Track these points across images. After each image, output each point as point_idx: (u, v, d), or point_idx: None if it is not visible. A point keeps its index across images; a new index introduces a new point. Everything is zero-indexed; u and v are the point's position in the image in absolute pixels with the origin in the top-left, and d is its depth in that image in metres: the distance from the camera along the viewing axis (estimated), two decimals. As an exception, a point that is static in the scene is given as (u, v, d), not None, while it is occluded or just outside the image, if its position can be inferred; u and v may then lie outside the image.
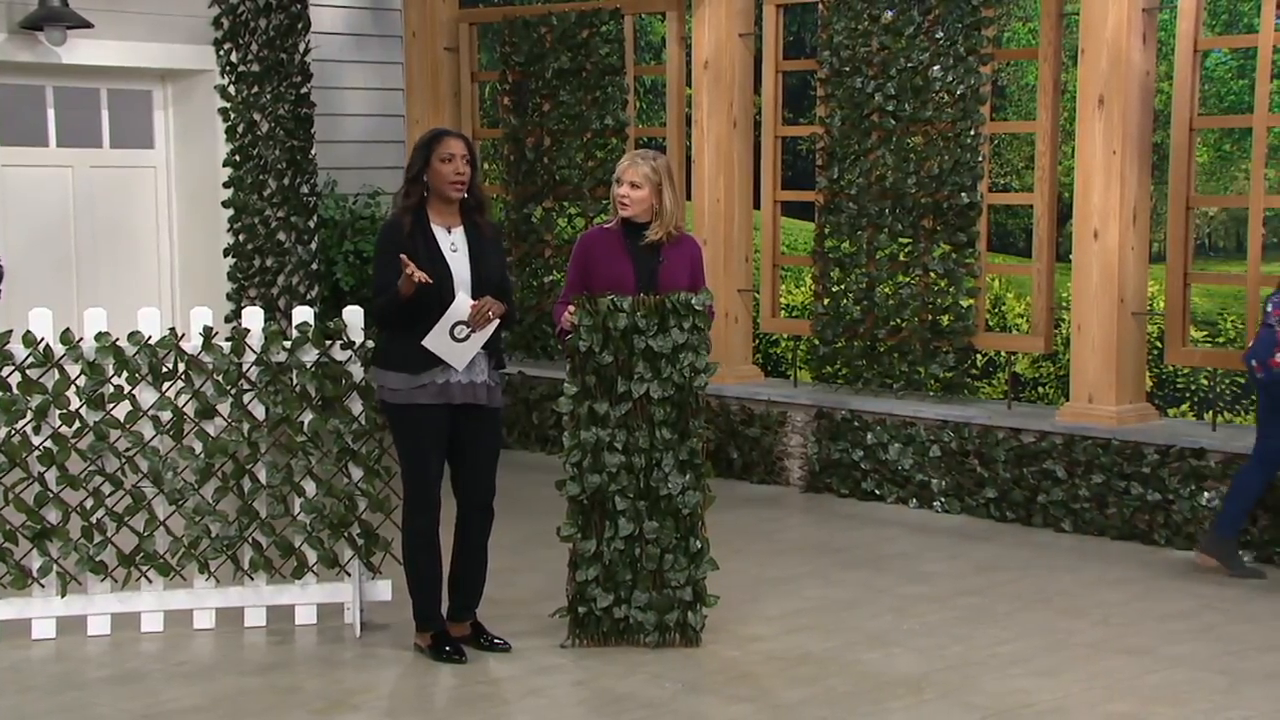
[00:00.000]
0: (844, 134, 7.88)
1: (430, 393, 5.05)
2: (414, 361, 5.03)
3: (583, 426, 5.20)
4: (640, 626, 5.26)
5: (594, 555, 5.23)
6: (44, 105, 8.89)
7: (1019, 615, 5.74)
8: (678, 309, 5.17)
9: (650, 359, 5.18)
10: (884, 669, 5.12)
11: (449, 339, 5.02)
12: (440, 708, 4.78)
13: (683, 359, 5.18)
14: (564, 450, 5.24)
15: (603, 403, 5.20)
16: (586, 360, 5.18)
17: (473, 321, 5.02)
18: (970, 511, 7.40)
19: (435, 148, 5.07)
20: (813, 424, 7.95)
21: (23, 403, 5.34)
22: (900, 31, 7.64)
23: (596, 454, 5.20)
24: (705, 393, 5.31)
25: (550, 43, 8.99)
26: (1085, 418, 7.08)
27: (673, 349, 5.17)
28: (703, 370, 5.20)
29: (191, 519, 5.50)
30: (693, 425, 5.22)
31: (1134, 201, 7.03)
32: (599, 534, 5.23)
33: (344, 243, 9.71)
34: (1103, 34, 6.95)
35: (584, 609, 5.27)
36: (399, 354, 5.05)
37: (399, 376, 5.05)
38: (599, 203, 8.80)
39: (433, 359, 5.02)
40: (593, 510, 5.23)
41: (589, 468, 5.20)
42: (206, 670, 5.14)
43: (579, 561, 5.25)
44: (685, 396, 5.21)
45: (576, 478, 5.21)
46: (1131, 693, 4.90)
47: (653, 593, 5.26)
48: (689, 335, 5.18)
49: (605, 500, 5.22)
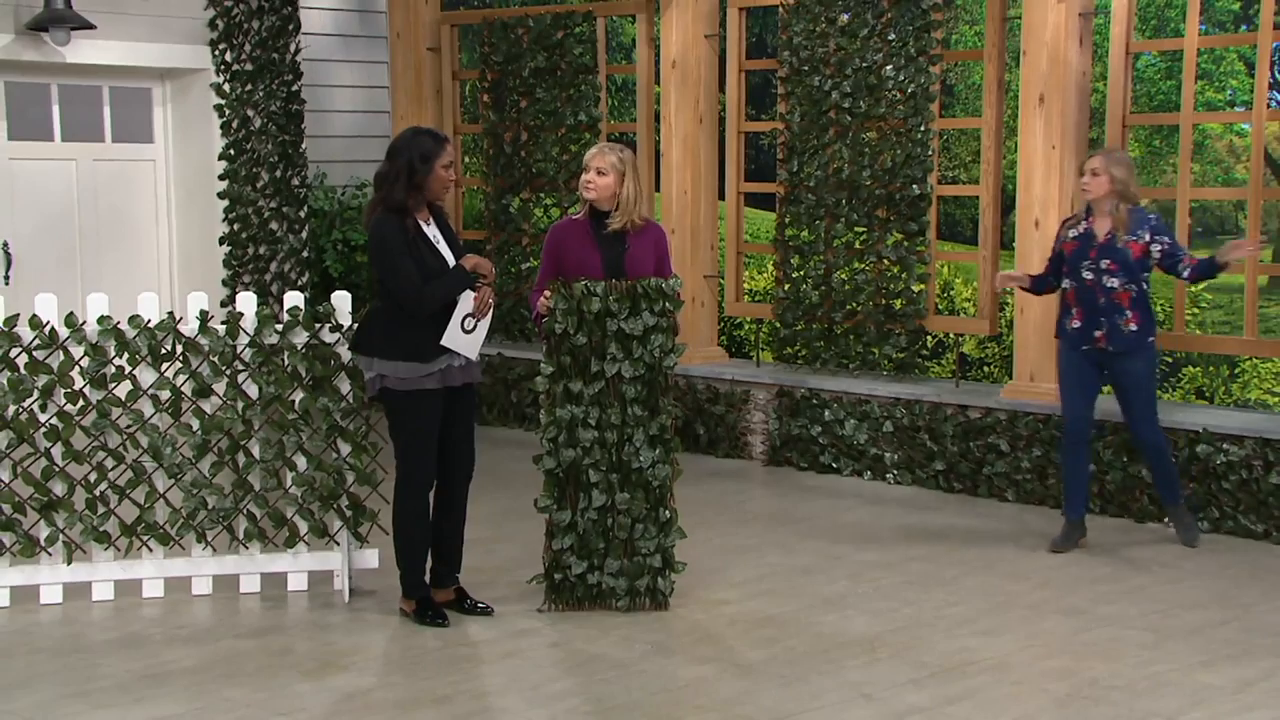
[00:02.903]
0: (803, 129, 7.87)
1: (435, 379, 5.02)
2: (426, 351, 4.99)
3: (558, 404, 5.19)
4: (612, 592, 5.26)
5: (569, 525, 5.23)
6: (49, 102, 8.80)
7: (965, 579, 5.76)
8: (649, 293, 5.16)
9: (622, 340, 5.17)
10: (840, 630, 5.14)
11: (461, 333, 5.01)
12: (425, 668, 4.77)
13: (653, 340, 5.17)
14: (540, 427, 5.23)
15: (577, 382, 5.18)
16: (562, 342, 5.17)
17: (477, 311, 5.01)
18: (920, 483, 7.42)
19: (440, 154, 4.99)
20: (774, 402, 7.95)
21: (29, 382, 5.29)
22: (855, 33, 7.63)
23: (571, 430, 5.19)
24: (674, 372, 5.30)
25: (527, 43, 8.94)
26: (1027, 395, 7.11)
27: (643, 331, 5.16)
28: (671, 351, 5.20)
29: (189, 492, 5.46)
30: (662, 403, 5.21)
31: (1072, 193, 7.04)
32: (573, 505, 5.22)
33: (333, 231, 9.66)
34: (1043, 37, 6.96)
35: (559, 576, 5.26)
36: (410, 344, 4.99)
37: (409, 366, 4.99)
38: (573, 194, 8.76)
39: (443, 348, 5.00)
40: (567, 483, 5.23)
41: (564, 443, 5.19)
42: (204, 633, 5.11)
43: (555, 531, 5.25)
44: (655, 376, 5.20)
45: (553, 452, 5.20)
46: (1067, 650, 4.94)
47: (624, 560, 5.26)
48: (659, 318, 5.17)
49: (579, 473, 5.21)
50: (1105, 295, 5.99)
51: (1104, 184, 5.95)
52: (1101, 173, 5.94)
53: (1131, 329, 5.98)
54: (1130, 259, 5.95)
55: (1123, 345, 6.00)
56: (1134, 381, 6.06)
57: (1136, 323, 5.98)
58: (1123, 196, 5.95)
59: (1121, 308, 5.98)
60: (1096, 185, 5.97)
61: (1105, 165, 5.94)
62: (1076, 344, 6.09)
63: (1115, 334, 6.00)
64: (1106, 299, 5.99)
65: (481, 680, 4.67)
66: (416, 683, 4.62)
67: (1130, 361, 6.03)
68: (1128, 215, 5.96)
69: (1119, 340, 6.00)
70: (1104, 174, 5.94)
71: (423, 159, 4.97)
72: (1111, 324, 5.99)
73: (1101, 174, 5.94)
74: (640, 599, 5.29)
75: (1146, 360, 6.05)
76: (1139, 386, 6.07)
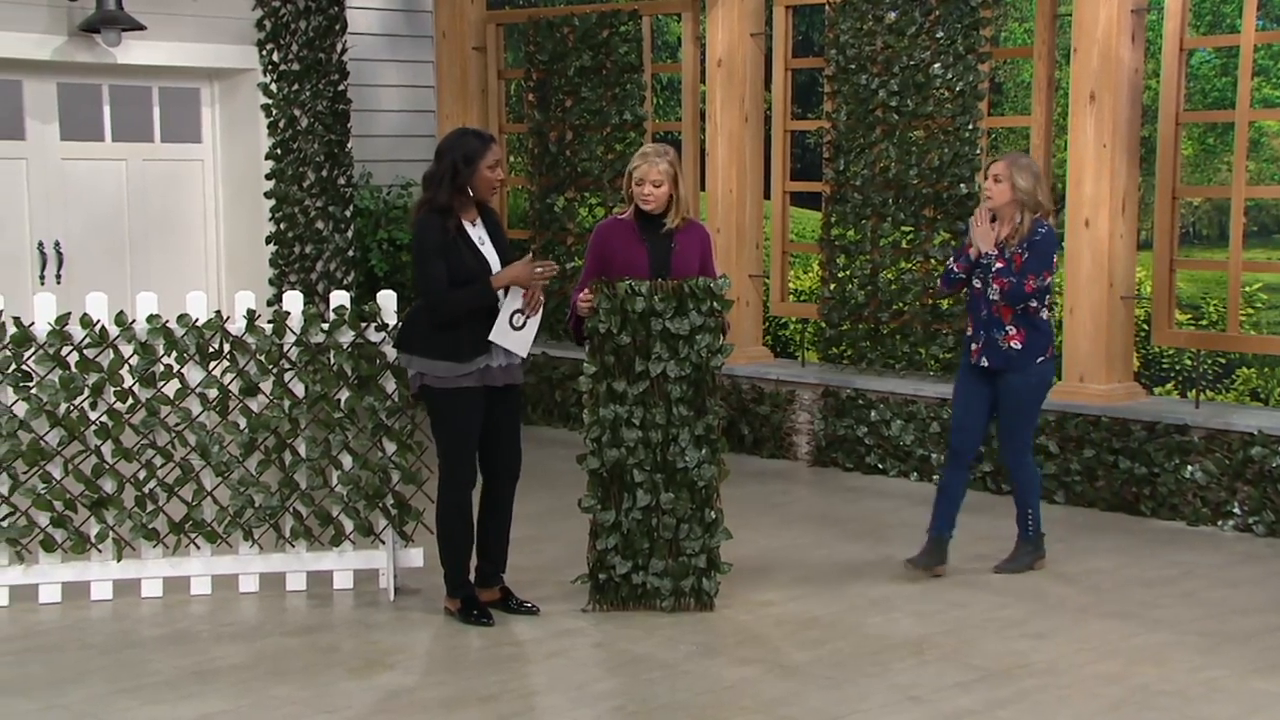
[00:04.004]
0: (849, 128, 7.83)
1: (474, 378, 5.03)
2: (464, 350, 5.00)
3: (601, 404, 5.19)
4: (656, 592, 5.26)
5: (613, 525, 5.22)
6: (100, 103, 8.90)
7: (1013, 582, 5.71)
8: (696, 293, 5.14)
9: (668, 340, 5.16)
10: (887, 632, 5.11)
11: (510, 329, 5.02)
12: (470, 667, 4.79)
13: (700, 340, 5.15)
14: (584, 426, 5.23)
15: (620, 381, 5.18)
16: (605, 341, 5.17)
17: (528, 308, 5.02)
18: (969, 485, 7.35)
19: (484, 155, 5.00)
20: (819, 402, 7.92)
21: (80, 380, 5.35)
22: (903, 31, 7.58)
23: (615, 430, 5.18)
24: (721, 373, 5.29)
25: (572, 42, 8.95)
26: (1076, 396, 7.04)
27: (690, 331, 5.14)
28: (719, 351, 5.18)
29: (236, 490, 5.51)
30: (710, 403, 5.19)
31: (1123, 192, 6.97)
32: (617, 505, 5.22)
33: (378, 231, 9.71)
34: (1094, 34, 6.89)
35: (604, 576, 5.26)
36: (448, 344, 5.00)
37: (447, 365, 5.01)
38: (618, 193, 8.76)
39: (480, 348, 5.01)
40: (611, 483, 5.22)
41: (608, 443, 5.19)
42: (251, 630, 5.15)
43: (599, 531, 5.25)
44: (702, 376, 5.18)
45: (596, 452, 5.20)
46: (1118, 654, 4.88)
47: (669, 560, 5.25)
48: (707, 318, 5.15)
49: (623, 473, 5.21)
50: (987, 307, 5.55)
51: (1005, 192, 5.50)
52: (1004, 180, 5.49)
53: (1013, 346, 5.52)
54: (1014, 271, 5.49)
55: (1000, 363, 5.55)
56: (1011, 403, 5.59)
57: (1020, 340, 5.51)
58: (1025, 206, 5.49)
59: (1002, 323, 5.53)
60: (998, 193, 5.51)
61: (1008, 172, 5.49)
62: (966, 357, 5.69)
63: (992, 349, 5.55)
64: (988, 311, 5.55)
65: (526, 680, 4.68)
66: (461, 682, 4.63)
67: (1012, 379, 5.56)
68: (1030, 227, 5.50)
69: (996, 356, 5.55)
70: (1006, 181, 5.49)
71: (466, 160, 4.98)
72: (989, 338, 5.55)
73: (1004, 181, 5.49)
74: (685, 599, 5.28)
75: (1028, 383, 5.57)
76: (1015, 410, 5.60)
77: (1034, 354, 5.56)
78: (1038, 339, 5.56)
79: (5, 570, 5.39)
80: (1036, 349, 5.56)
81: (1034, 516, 5.80)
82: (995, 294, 5.50)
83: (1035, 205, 5.51)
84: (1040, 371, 5.60)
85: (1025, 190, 5.49)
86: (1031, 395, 5.62)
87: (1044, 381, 5.65)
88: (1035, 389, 5.62)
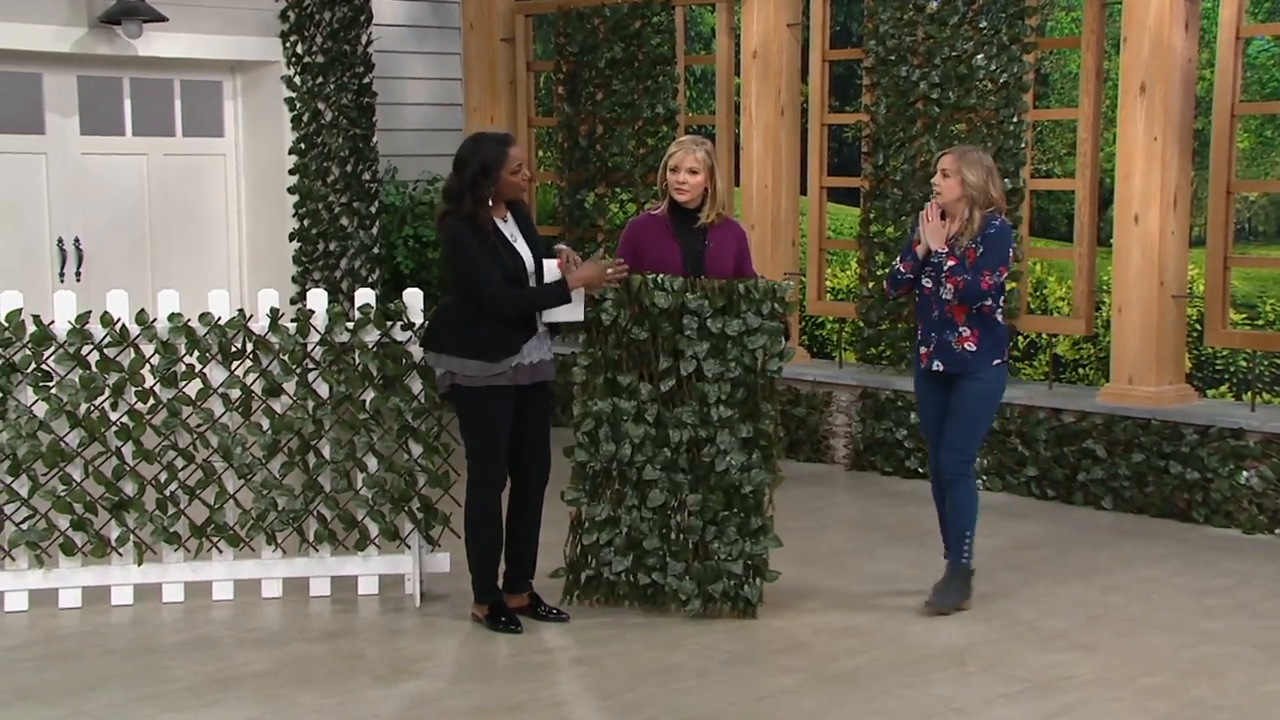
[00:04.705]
0: (889, 121, 7.81)
1: (504, 378, 5.06)
2: (495, 350, 5.03)
3: (599, 396, 5.18)
4: (675, 595, 5.25)
5: (606, 521, 5.22)
6: (121, 96, 8.98)
7: (1059, 591, 5.69)
8: (752, 295, 5.14)
9: (710, 339, 5.15)
10: (927, 641, 5.09)
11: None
12: (498, 675, 4.80)
13: (752, 342, 5.14)
14: (575, 418, 5.23)
15: (628, 375, 5.17)
16: (609, 333, 5.17)
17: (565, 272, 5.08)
18: (1011, 490, 7.34)
19: (504, 162, 5.01)
20: (857, 404, 7.90)
21: (101, 380, 5.41)
22: (945, 21, 7.56)
23: (615, 424, 5.18)
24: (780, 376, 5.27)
25: (603, 33, 8.97)
26: (1125, 398, 7.00)
27: (741, 332, 5.13)
28: (778, 355, 5.17)
29: (259, 492, 5.55)
30: (764, 408, 5.19)
31: (1175, 186, 6.93)
32: (615, 501, 5.22)
33: (404, 228, 9.76)
34: (1145, 21, 6.84)
35: (589, 572, 5.27)
36: (478, 343, 5.02)
37: (478, 364, 5.03)
38: (649, 188, 8.77)
39: (511, 347, 5.03)
40: (606, 478, 5.22)
41: (606, 436, 5.18)
42: (275, 637, 5.19)
43: (584, 525, 5.25)
44: (754, 379, 5.17)
45: (585, 445, 5.20)
46: (1169, 667, 4.85)
47: (693, 563, 5.24)
48: (765, 320, 5.14)
49: (627, 469, 5.20)
50: (939, 308, 5.37)
51: (954, 187, 5.32)
52: (952, 174, 5.32)
53: (967, 348, 5.32)
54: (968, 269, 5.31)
55: (954, 366, 5.34)
56: (960, 409, 5.35)
57: (974, 342, 5.32)
58: (975, 202, 5.31)
59: (954, 323, 5.34)
60: (947, 188, 5.34)
61: (956, 167, 5.31)
62: (917, 363, 5.51)
63: (944, 352, 5.36)
64: (939, 312, 5.37)
65: (555, 689, 4.69)
66: (489, 690, 4.65)
67: (965, 384, 5.35)
68: (982, 222, 5.32)
69: (948, 359, 5.35)
70: (955, 176, 5.31)
71: (485, 171, 4.98)
72: (941, 340, 5.36)
73: (952, 176, 5.32)
74: (716, 605, 5.28)
75: (982, 389, 5.35)
76: (963, 416, 5.35)
77: (989, 356, 5.35)
78: (993, 341, 5.36)
79: (25, 574, 5.45)
80: (991, 351, 5.35)
81: (970, 543, 5.44)
82: (949, 293, 5.31)
83: (986, 201, 5.33)
84: (995, 376, 5.38)
85: (975, 185, 5.31)
86: (984, 402, 5.38)
87: (998, 388, 5.40)
88: (988, 396, 5.38)
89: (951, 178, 5.34)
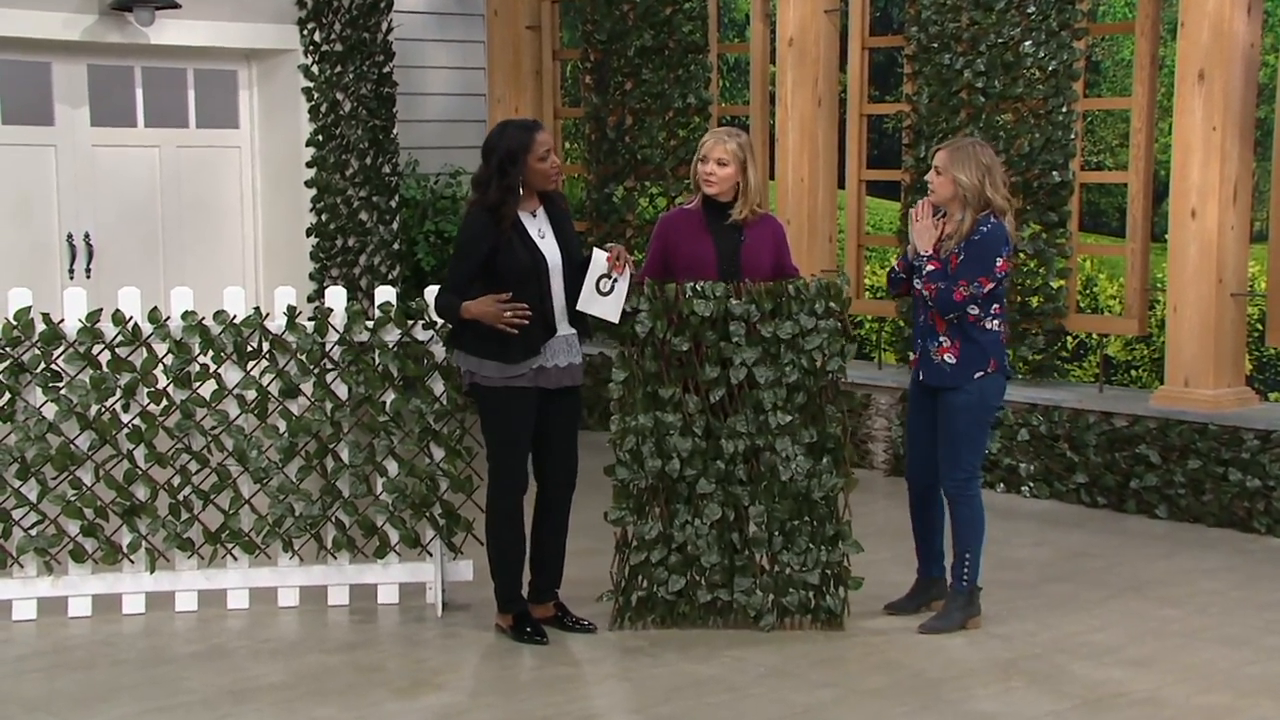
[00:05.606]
0: (932, 112, 7.78)
1: (527, 378, 5.06)
2: (514, 352, 5.04)
3: (640, 411, 5.16)
4: (744, 611, 5.24)
5: (657, 539, 5.21)
6: (133, 86, 9.03)
7: (1110, 603, 5.65)
8: (804, 295, 5.13)
9: (759, 344, 5.14)
10: (970, 655, 5.07)
11: (597, 295, 5.05)
12: (522, 688, 4.81)
13: (808, 343, 5.13)
14: (614, 434, 5.19)
15: (670, 387, 5.16)
16: (646, 344, 5.15)
17: (614, 269, 5.05)
18: (1059, 497, 7.30)
19: (530, 148, 5.03)
20: (897, 407, 7.88)
21: (112, 381, 5.44)
22: (990, 6, 7.53)
23: (660, 439, 5.16)
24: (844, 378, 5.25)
25: (633, 20, 8.97)
26: (1181, 402, 6.95)
27: (795, 334, 5.13)
28: (838, 354, 5.16)
29: (276, 497, 5.57)
30: (830, 411, 5.18)
31: (1235, 179, 6.87)
32: (667, 519, 5.20)
33: (425, 223, 9.78)
34: (1205, 6, 6.79)
35: (641, 593, 5.25)
36: (497, 344, 5.03)
37: (495, 365, 5.05)
38: (681, 182, 8.77)
39: (531, 348, 5.04)
40: (653, 495, 5.20)
41: (651, 453, 5.17)
42: (291, 647, 5.21)
43: (631, 546, 5.22)
44: (814, 382, 5.16)
45: (627, 463, 5.17)
46: (1229, 684, 4.81)
47: (762, 576, 5.23)
48: (820, 320, 5.13)
49: (677, 484, 5.19)
50: (924, 314, 5.26)
51: (946, 186, 5.17)
52: (944, 173, 5.17)
53: (946, 360, 5.19)
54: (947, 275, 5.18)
55: (934, 378, 5.23)
56: (947, 424, 5.23)
57: (954, 354, 5.18)
58: (968, 203, 5.15)
59: (935, 332, 5.21)
60: (940, 187, 5.20)
61: (948, 163, 5.16)
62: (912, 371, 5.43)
63: (926, 362, 5.26)
64: (924, 318, 5.26)
65: (583, 702, 4.69)
66: (514, 704, 4.66)
67: (948, 397, 5.22)
68: (972, 226, 5.15)
69: (930, 371, 5.24)
70: (946, 175, 5.17)
71: (510, 158, 5.01)
72: (924, 349, 5.26)
73: (944, 174, 5.17)
74: (794, 617, 5.27)
75: (964, 402, 5.20)
76: (951, 432, 5.22)
77: (970, 369, 5.18)
78: (974, 353, 5.18)
79: (33, 582, 5.49)
80: (973, 364, 5.18)
81: (972, 564, 5.32)
82: (929, 300, 5.22)
83: (981, 202, 5.15)
84: (979, 389, 5.20)
85: (967, 186, 5.13)
86: (968, 414, 5.22)
87: (983, 401, 5.24)
88: (972, 407, 5.21)
89: (943, 175, 5.20)
